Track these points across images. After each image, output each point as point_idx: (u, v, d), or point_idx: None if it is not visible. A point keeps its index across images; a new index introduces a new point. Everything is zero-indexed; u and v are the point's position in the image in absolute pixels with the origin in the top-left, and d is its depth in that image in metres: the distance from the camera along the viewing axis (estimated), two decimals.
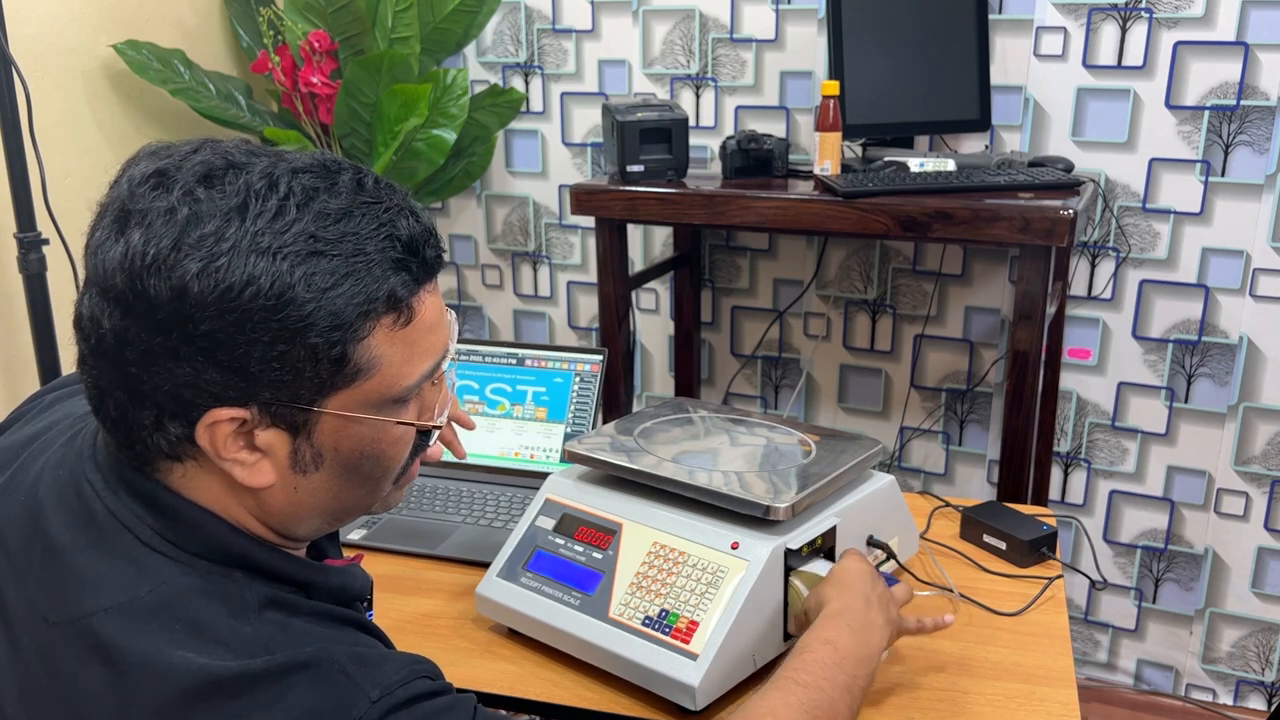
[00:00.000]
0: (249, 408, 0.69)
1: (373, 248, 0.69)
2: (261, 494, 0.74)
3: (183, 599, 0.69)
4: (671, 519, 1.19)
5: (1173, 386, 2.20)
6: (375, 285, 0.69)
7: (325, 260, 0.67)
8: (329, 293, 0.67)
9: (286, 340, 0.67)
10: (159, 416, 0.69)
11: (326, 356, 0.68)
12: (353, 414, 0.72)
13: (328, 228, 0.68)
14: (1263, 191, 2.03)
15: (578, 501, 1.26)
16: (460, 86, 2.31)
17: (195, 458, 0.72)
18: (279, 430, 0.71)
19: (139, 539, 0.72)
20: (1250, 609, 2.25)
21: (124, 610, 0.69)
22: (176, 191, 0.67)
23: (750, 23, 2.30)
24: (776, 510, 1.13)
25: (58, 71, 2.04)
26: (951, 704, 1.12)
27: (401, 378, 0.73)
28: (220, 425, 0.69)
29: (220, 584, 0.71)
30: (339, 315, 0.67)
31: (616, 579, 1.17)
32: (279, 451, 0.71)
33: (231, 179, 0.67)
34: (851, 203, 1.84)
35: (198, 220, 0.66)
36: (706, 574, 1.13)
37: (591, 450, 1.29)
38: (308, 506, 0.75)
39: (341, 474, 0.75)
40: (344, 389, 0.70)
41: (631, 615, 1.13)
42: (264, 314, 0.65)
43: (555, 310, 2.69)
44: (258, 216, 0.66)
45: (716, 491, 1.17)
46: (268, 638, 0.69)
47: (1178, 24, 2.01)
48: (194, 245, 0.65)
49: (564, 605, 1.17)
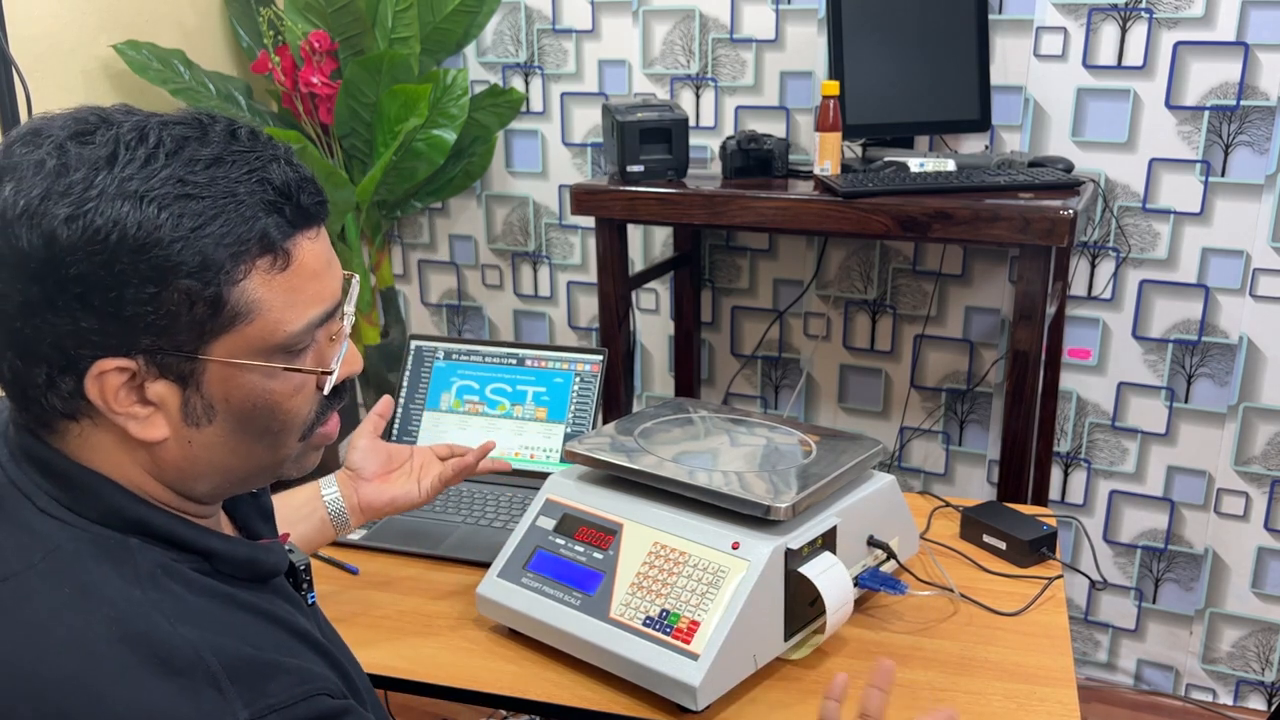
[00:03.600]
0: (134, 358, 0.69)
1: (244, 190, 0.69)
2: (156, 450, 0.73)
3: (73, 564, 0.69)
4: (672, 519, 1.19)
5: (1173, 386, 2.20)
6: (245, 226, 0.69)
7: (193, 202, 0.67)
8: (197, 233, 0.67)
9: (156, 282, 0.67)
10: (49, 373, 0.69)
11: (201, 299, 0.68)
12: (237, 360, 0.71)
13: (197, 172, 0.68)
14: (1263, 191, 2.03)
15: (578, 502, 1.26)
16: (460, 87, 2.31)
17: (90, 416, 0.71)
18: (168, 382, 0.70)
19: (36, 505, 0.72)
20: (1250, 609, 2.25)
21: (15, 582, 0.69)
22: (47, 145, 0.68)
23: (750, 23, 2.30)
24: (777, 510, 1.13)
25: (58, 71, 2.04)
26: (952, 704, 1.12)
27: (284, 323, 0.72)
28: (108, 376, 0.69)
29: (113, 549, 0.71)
30: (208, 256, 0.67)
31: (617, 579, 1.17)
32: (170, 404, 0.71)
33: (103, 132, 0.68)
34: (851, 203, 1.84)
35: (66, 170, 0.66)
36: (707, 574, 1.13)
37: (592, 450, 1.29)
38: (204, 462, 0.74)
39: (236, 427, 0.74)
40: (225, 334, 0.70)
41: (632, 615, 1.13)
42: (131, 256, 0.66)
43: (555, 310, 2.69)
44: (127, 164, 0.67)
45: (717, 491, 1.17)
46: (156, 603, 0.68)
47: (1178, 24, 2.02)
48: (62, 193, 0.66)
49: (565, 606, 1.17)
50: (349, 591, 1.34)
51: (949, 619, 1.28)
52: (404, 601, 1.33)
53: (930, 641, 1.23)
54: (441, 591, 1.35)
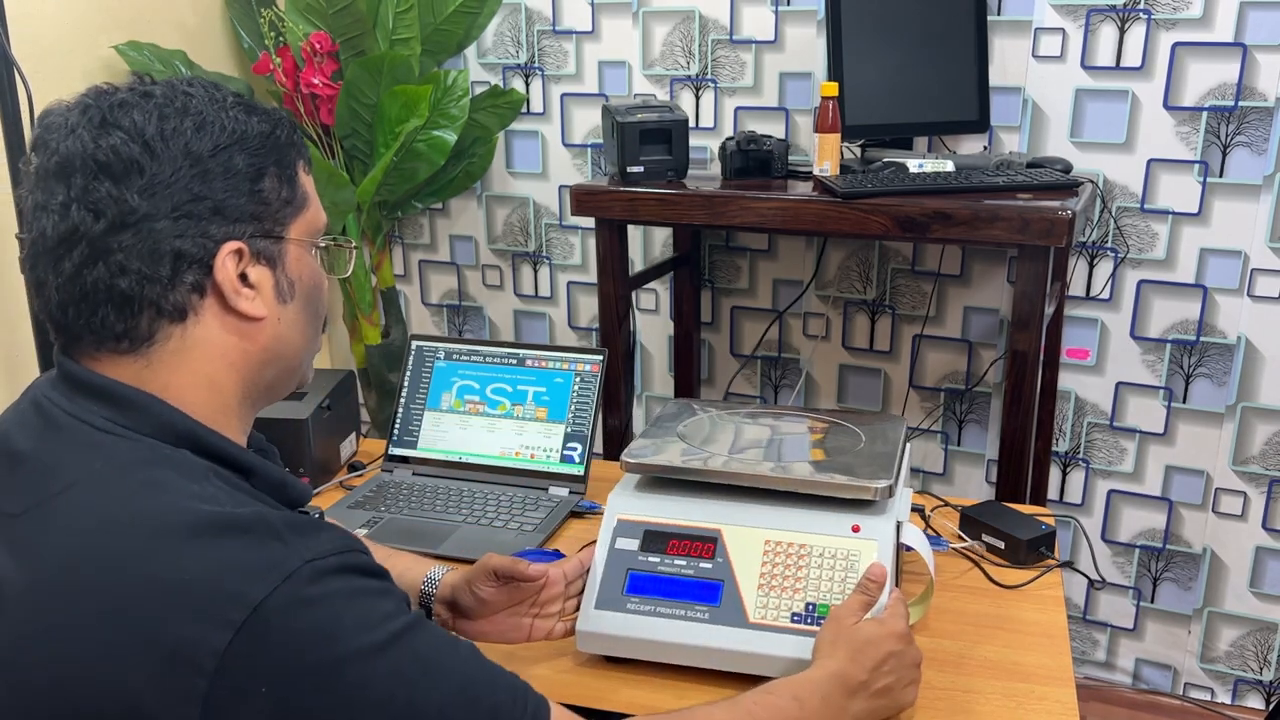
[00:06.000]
0: (245, 241, 0.83)
1: (278, 112, 0.88)
2: (252, 332, 0.85)
3: (136, 467, 0.78)
4: (772, 515, 1.19)
5: (1171, 386, 2.21)
6: (290, 135, 0.88)
7: (257, 116, 0.86)
8: (273, 134, 0.86)
9: (261, 170, 0.84)
10: (174, 271, 0.80)
11: (286, 183, 0.86)
12: (304, 239, 0.88)
13: (242, 101, 0.86)
14: (1261, 192, 2.04)
15: (655, 516, 1.22)
16: (461, 88, 2.31)
17: (196, 311, 0.82)
18: (262, 267, 0.85)
19: (94, 427, 0.80)
20: (1248, 608, 2.25)
21: (83, 484, 0.77)
22: (125, 95, 0.82)
23: (750, 24, 2.31)
24: (882, 491, 1.17)
25: (59, 72, 2.04)
26: (950, 703, 1.13)
27: (320, 215, 0.91)
28: (228, 259, 0.82)
29: (169, 455, 0.80)
30: (284, 152, 0.86)
31: (740, 584, 1.16)
32: (265, 285, 0.85)
33: (148, 86, 0.84)
34: (850, 203, 1.84)
35: (171, 99, 0.82)
36: (838, 560, 1.15)
37: (668, 460, 1.25)
38: (286, 342, 0.88)
39: (305, 305, 0.89)
40: (297, 217, 0.87)
41: (775, 615, 1.13)
42: (245, 153, 0.83)
43: (555, 310, 2.69)
44: (199, 97, 0.83)
45: (825, 482, 1.19)
46: (213, 494, 0.77)
47: (1176, 25, 2.02)
48: (180, 111, 0.81)
49: (692, 621, 1.14)
50: None
51: (948, 616, 1.28)
52: None
53: (929, 640, 1.23)
54: None
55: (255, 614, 0.71)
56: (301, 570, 0.73)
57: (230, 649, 0.70)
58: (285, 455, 1.62)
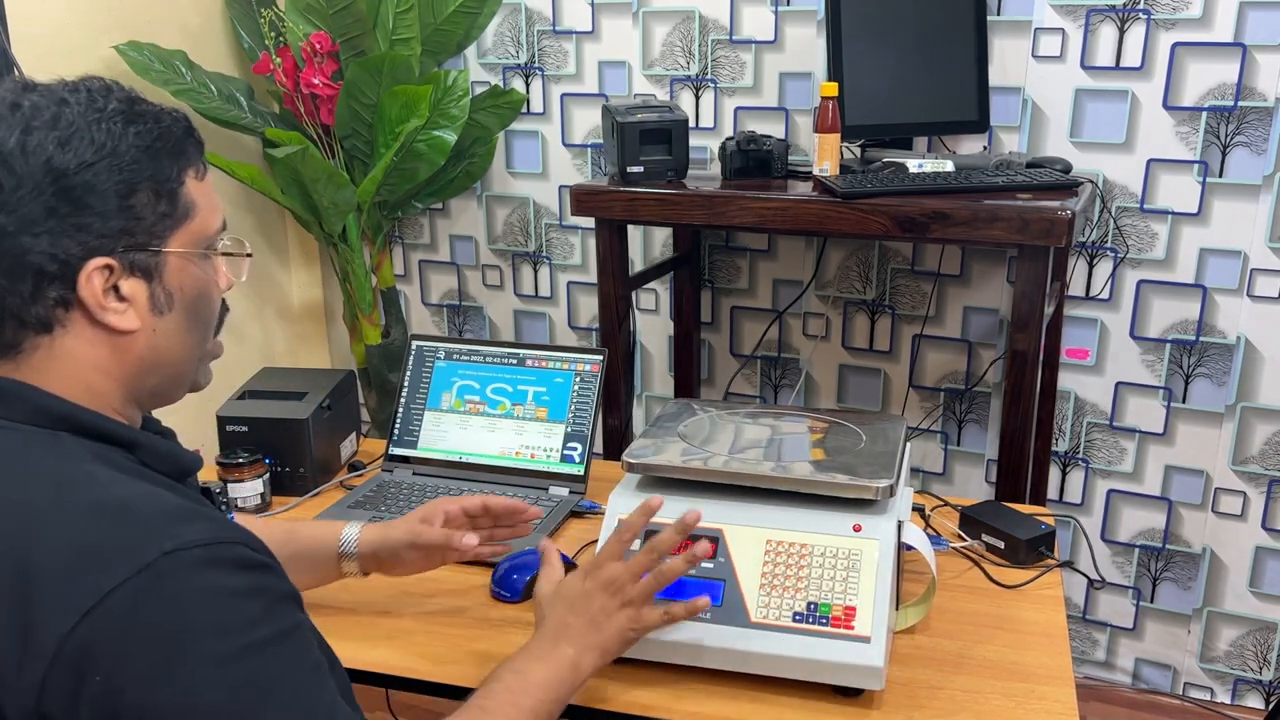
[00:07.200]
0: (114, 257, 0.82)
1: (167, 119, 0.86)
2: (124, 343, 0.85)
3: (9, 453, 0.79)
4: (774, 515, 1.19)
5: (1170, 386, 2.21)
6: (179, 142, 0.86)
7: (143, 124, 0.84)
8: (154, 146, 0.84)
9: (133, 186, 0.82)
10: (36, 285, 0.80)
11: (164, 195, 0.84)
12: (187, 250, 0.87)
13: (131, 106, 0.84)
14: (1260, 192, 2.04)
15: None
16: (461, 88, 2.31)
17: (64, 324, 0.82)
18: (137, 279, 0.84)
19: None
20: (1248, 608, 2.25)
21: None
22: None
23: (750, 24, 2.31)
24: (884, 491, 1.16)
25: (60, 72, 2.03)
26: (950, 702, 1.13)
27: (209, 223, 0.89)
28: (95, 275, 0.81)
29: (44, 439, 0.81)
30: (163, 163, 0.84)
31: (742, 584, 1.16)
32: (140, 298, 0.84)
33: (37, 90, 0.83)
34: (850, 203, 1.85)
35: (38, 111, 0.81)
36: (840, 560, 1.15)
37: (668, 460, 1.25)
38: (163, 351, 0.87)
39: (186, 315, 0.88)
40: (178, 229, 0.86)
41: (777, 615, 1.14)
42: (114, 167, 0.81)
43: (555, 310, 2.69)
44: (77, 104, 0.82)
45: (827, 482, 1.18)
46: (88, 474, 0.78)
47: (1175, 25, 2.02)
48: (46, 126, 0.80)
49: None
50: (348, 590, 1.35)
51: (948, 616, 1.28)
52: (403, 600, 1.34)
53: (928, 640, 1.24)
54: (442, 590, 1.36)
55: (101, 603, 0.71)
56: (158, 563, 0.73)
57: (72, 635, 0.71)
58: (285, 455, 1.63)
